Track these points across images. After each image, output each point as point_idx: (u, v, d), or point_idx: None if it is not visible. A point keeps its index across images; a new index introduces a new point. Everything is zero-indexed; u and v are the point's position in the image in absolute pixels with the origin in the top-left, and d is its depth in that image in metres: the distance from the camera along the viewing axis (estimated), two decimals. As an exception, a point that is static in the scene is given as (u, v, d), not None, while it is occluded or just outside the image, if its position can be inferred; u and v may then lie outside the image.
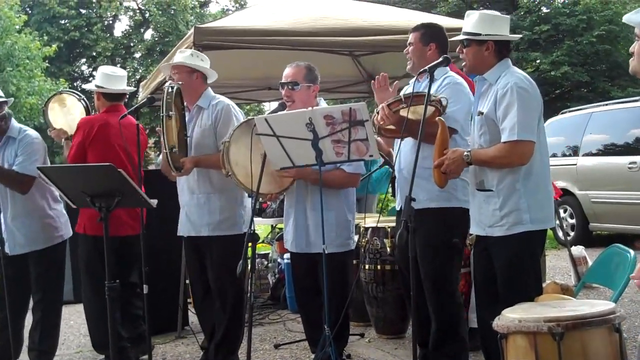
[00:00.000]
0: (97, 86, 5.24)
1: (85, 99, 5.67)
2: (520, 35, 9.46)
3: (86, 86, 5.29)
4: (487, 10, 4.03)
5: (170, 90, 4.43)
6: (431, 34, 4.47)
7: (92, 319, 5.10)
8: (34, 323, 5.14)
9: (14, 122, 5.12)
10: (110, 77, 5.30)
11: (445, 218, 4.30)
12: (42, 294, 5.12)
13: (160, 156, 4.83)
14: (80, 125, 5.10)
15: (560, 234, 10.14)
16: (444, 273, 4.37)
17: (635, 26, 2.47)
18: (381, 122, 4.13)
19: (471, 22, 3.86)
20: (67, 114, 5.70)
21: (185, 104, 4.63)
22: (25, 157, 4.98)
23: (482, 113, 3.84)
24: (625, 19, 2.51)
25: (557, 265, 8.98)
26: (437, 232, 4.29)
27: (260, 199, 4.90)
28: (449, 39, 4.44)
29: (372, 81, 4.57)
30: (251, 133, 4.31)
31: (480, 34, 3.83)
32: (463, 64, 4.00)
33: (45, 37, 24.55)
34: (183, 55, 4.84)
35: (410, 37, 4.49)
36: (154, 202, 4.30)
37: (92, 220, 4.88)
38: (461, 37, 3.90)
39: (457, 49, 3.96)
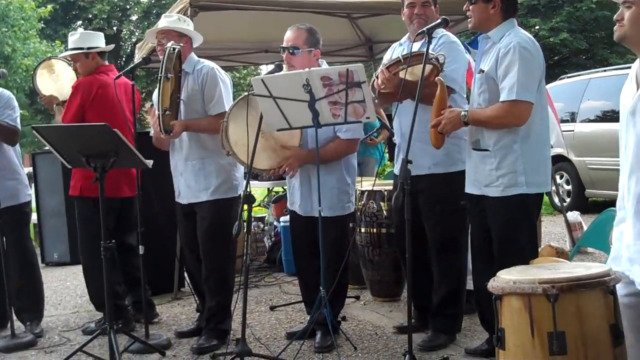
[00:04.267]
0: (89, 48, 5.07)
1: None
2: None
3: (75, 49, 5.10)
4: None
5: (171, 51, 4.37)
6: None
7: (91, 279, 5.10)
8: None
9: None
10: (95, 35, 5.22)
11: (451, 182, 4.29)
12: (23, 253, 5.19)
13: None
14: (78, 85, 5.00)
15: (556, 199, 10.15)
16: (452, 237, 4.39)
17: None
18: (382, 86, 4.09)
19: None
20: (56, 80, 5.64)
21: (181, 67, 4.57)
22: (11, 111, 5.03)
23: (482, 71, 3.82)
24: None
25: (552, 231, 9.01)
26: (444, 196, 4.31)
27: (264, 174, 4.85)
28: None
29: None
30: (246, 110, 4.26)
31: None
32: (470, 25, 3.95)
33: (40, -2, 24.28)
34: (170, 19, 4.75)
35: None
36: (149, 162, 4.29)
37: (88, 181, 4.79)
38: None
39: (464, 7, 3.90)
